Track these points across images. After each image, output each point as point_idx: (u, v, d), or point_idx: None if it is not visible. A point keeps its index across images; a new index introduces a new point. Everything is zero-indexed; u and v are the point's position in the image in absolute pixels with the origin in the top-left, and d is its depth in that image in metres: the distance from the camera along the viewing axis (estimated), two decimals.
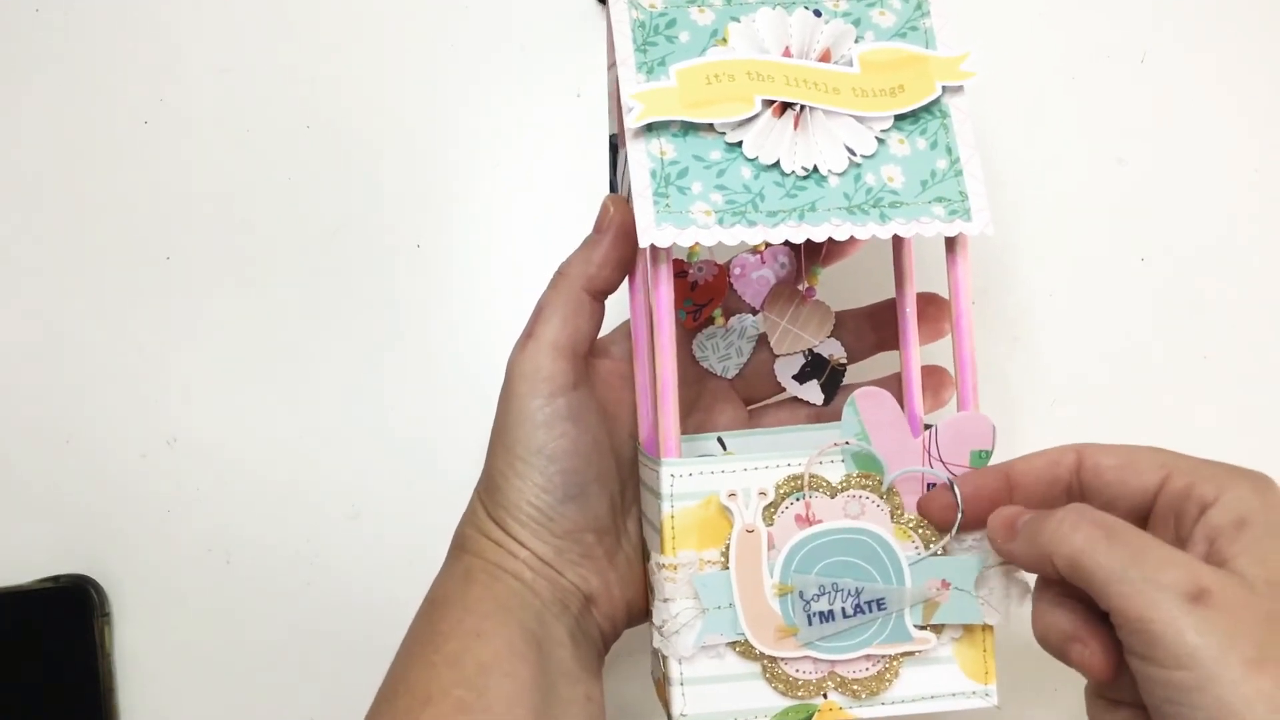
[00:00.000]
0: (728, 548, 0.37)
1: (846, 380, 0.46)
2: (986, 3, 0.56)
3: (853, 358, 0.46)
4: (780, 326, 0.45)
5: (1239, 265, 0.54)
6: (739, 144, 0.37)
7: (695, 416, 0.46)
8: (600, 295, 0.41)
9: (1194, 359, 0.54)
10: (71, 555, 0.53)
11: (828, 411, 0.46)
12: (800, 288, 0.46)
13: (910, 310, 0.42)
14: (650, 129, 0.37)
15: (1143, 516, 0.36)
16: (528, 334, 0.41)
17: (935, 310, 0.43)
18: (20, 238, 0.55)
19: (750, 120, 0.37)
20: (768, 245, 0.45)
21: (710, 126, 0.37)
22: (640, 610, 0.43)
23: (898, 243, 0.42)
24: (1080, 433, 0.53)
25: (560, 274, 0.41)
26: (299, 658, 0.53)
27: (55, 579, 0.53)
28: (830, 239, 0.40)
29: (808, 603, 0.37)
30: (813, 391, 0.45)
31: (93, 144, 0.55)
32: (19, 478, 0.54)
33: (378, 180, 0.55)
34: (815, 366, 0.45)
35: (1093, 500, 0.36)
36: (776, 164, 0.37)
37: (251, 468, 0.54)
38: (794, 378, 0.46)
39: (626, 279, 0.42)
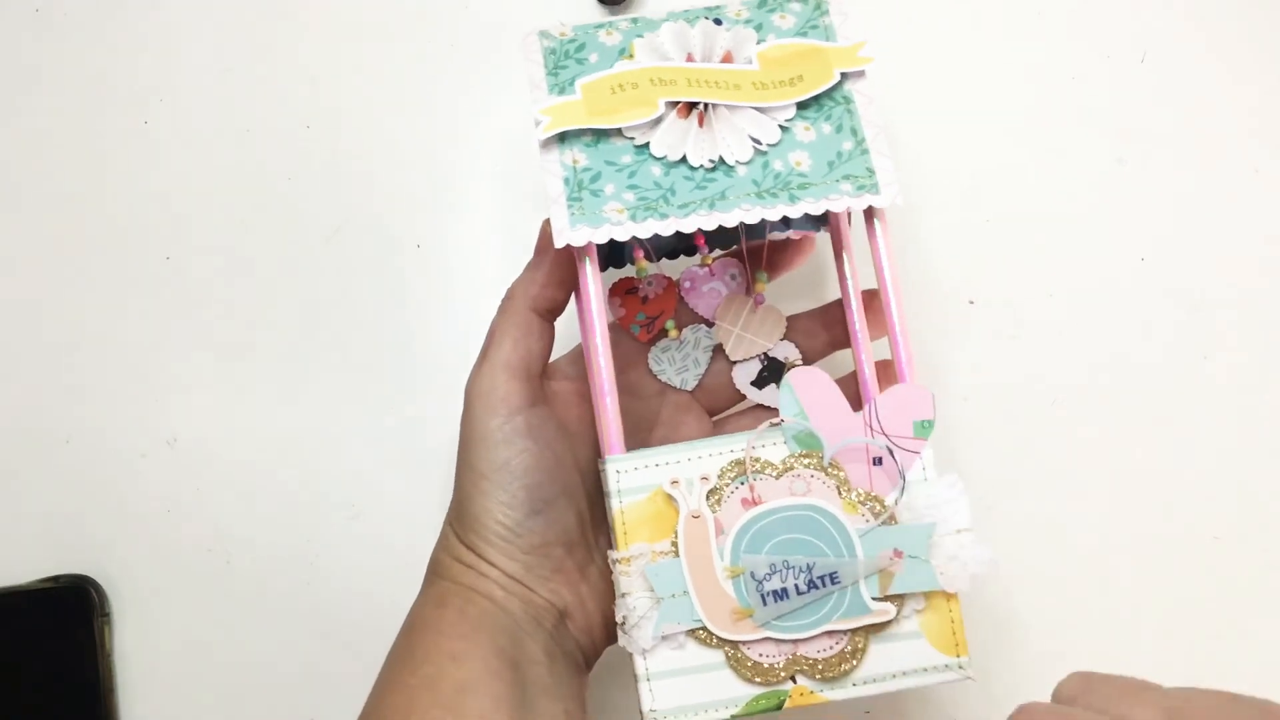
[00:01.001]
0: (676, 536, 0.38)
1: None
2: (986, 3, 0.56)
3: (808, 359, 0.47)
4: (734, 333, 0.47)
5: (1239, 265, 0.54)
6: (646, 145, 0.39)
7: (659, 431, 0.47)
8: (548, 314, 0.42)
9: (1194, 359, 0.54)
10: (71, 555, 0.53)
11: None
12: (749, 295, 0.47)
13: (856, 310, 0.44)
14: (563, 140, 0.39)
15: None
16: (481, 357, 0.42)
17: (880, 306, 0.44)
18: (20, 237, 0.55)
19: (656, 122, 0.40)
20: (716, 259, 0.47)
21: (619, 132, 0.40)
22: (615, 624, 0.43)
23: (837, 243, 0.44)
24: (1080, 432, 0.53)
25: (507, 297, 0.43)
26: (299, 658, 0.53)
27: (55, 579, 0.53)
28: (771, 243, 0.43)
29: (760, 582, 0.38)
30: (771, 396, 0.47)
31: (93, 144, 0.55)
32: (19, 478, 0.54)
33: (378, 180, 0.55)
34: (772, 370, 0.47)
35: None
36: (683, 159, 0.39)
37: (251, 468, 0.54)
38: (752, 384, 0.47)
39: (574, 298, 0.43)
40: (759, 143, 0.40)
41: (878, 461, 0.39)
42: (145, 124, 0.55)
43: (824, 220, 0.46)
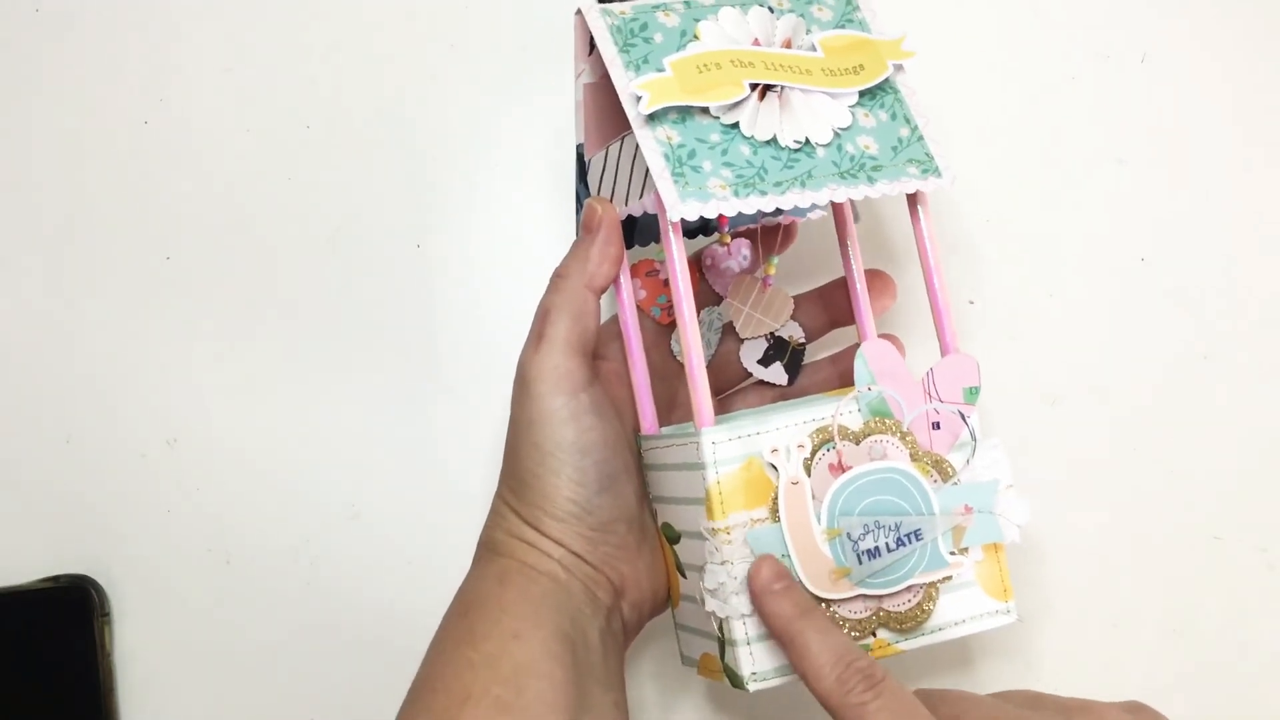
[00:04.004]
0: (774, 503, 0.39)
1: (805, 360, 0.49)
2: (986, 3, 0.56)
3: (810, 337, 0.49)
4: (744, 312, 0.48)
5: (1239, 265, 0.54)
6: (735, 125, 0.40)
7: (678, 413, 0.48)
8: (599, 292, 0.43)
9: (1194, 359, 0.54)
10: (71, 555, 0.53)
11: (791, 392, 0.49)
12: (757, 275, 0.49)
13: (856, 265, 0.47)
14: (652, 119, 0.40)
15: None
16: (538, 335, 0.42)
17: (881, 284, 0.47)
18: (20, 237, 0.55)
19: (741, 103, 0.40)
20: (734, 237, 0.49)
21: (705, 111, 0.40)
22: (663, 598, 0.44)
23: (840, 223, 0.47)
24: (1080, 432, 0.53)
25: (559, 275, 0.43)
26: (299, 658, 0.53)
27: (55, 579, 0.53)
28: (780, 226, 0.45)
29: (855, 542, 0.40)
30: (777, 373, 0.48)
31: (93, 144, 0.55)
32: (19, 478, 0.54)
33: (378, 180, 0.55)
34: (777, 349, 0.48)
35: None
36: (772, 140, 0.41)
37: (251, 468, 0.54)
38: (759, 362, 0.48)
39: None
40: (834, 126, 0.41)
41: (935, 425, 0.41)
42: (145, 124, 0.55)
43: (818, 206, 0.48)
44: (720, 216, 0.43)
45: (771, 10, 0.43)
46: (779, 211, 0.41)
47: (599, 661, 0.40)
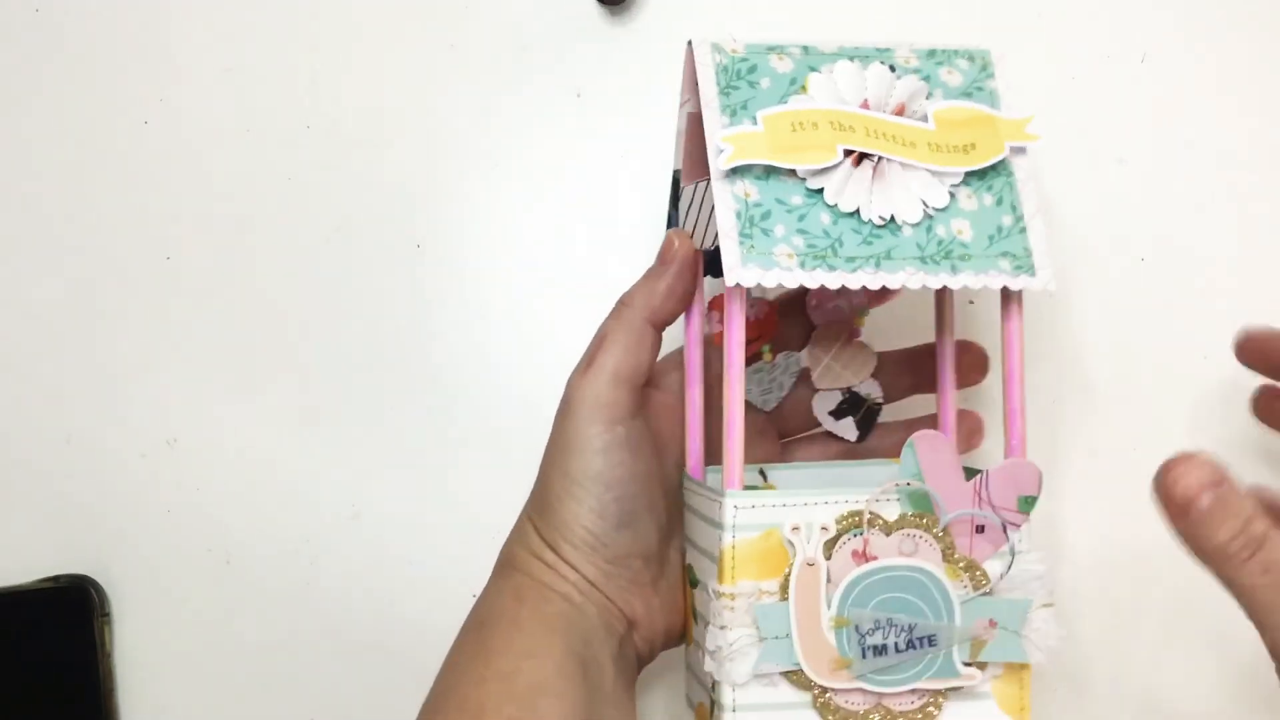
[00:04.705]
0: (787, 579, 0.38)
1: (880, 419, 0.47)
2: (986, 3, 0.56)
3: (888, 397, 0.47)
4: (825, 362, 0.46)
5: (1239, 265, 0.54)
6: (819, 190, 0.38)
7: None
8: (662, 326, 0.42)
9: (1194, 359, 0.54)
10: (71, 555, 0.53)
11: (858, 448, 0.47)
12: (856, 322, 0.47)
13: (948, 359, 0.44)
14: (735, 171, 0.38)
15: None
16: (589, 361, 0.41)
17: (971, 358, 0.45)
18: (20, 237, 0.55)
19: (832, 168, 0.38)
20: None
21: (792, 172, 0.38)
22: (677, 634, 0.44)
23: (941, 292, 0.43)
24: (1080, 433, 0.53)
25: (623, 303, 0.42)
26: (299, 658, 0.53)
27: (55, 579, 0.53)
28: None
29: (863, 636, 0.38)
30: (847, 428, 0.47)
31: (93, 144, 0.55)
32: (19, 478, 0.54)
33: (378, 180, 0.55)
34: (852, 404, 0.47)
35: None
36: (855, 212, 0.38)
37: (251, 468, 0.54)
38: (830, 413, 0.47)
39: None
40: (927, 205, 0.39)
41: (980, 529, 0.39)
42: (145, 124, 0.55)
43: None
44: None
45: (893, 69, 0.41)
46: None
47: (611, 683, 0.40)
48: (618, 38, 0.54)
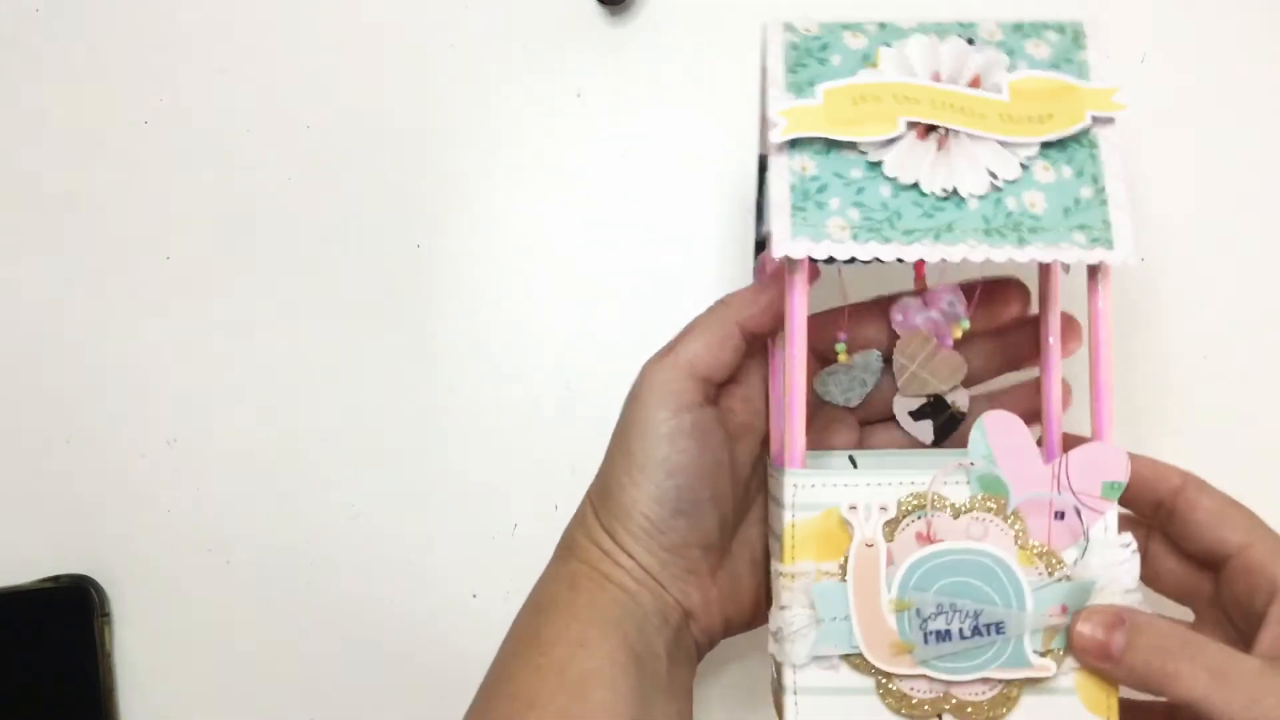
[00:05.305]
0: (845, 560, 0.38)
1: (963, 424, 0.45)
2: (985, 3, 0.56)
3: (980, 377, 0.45)
4: (909, 370, 0.45)
5: (1239, 265, 0.54)
6: (880, 163, 0.38)
7: (810, 436, 0.45)
8: (751, 334, 0.41)
9: (1194, 359, 0.54)
10: (71, 555, 0.53)
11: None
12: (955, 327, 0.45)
13: (1054, 339, 0.42)
14: (794, 146, 0.38)
15: (1213, 565, 0.38)
16: (669, 347, 0.41)
17: (1069, 330, 0.43)
18: (20, 237, 0.55)
19: (893, 141, 0.38)
20: (927, 289, 0.45)
21: (853, 145, 0.38)
22: (740, 623, 0.43)
23: (1044, 269, 0.42)
24: (1079, 433, 0.53)
25: (723, 302, 0.42)
26: (299, 658, 0.53)
27: (55, 579, 0.53)
28: (985, 289, 0.41)
29: (924, 620, 0.37)
30: (925, 430, 0.45)
31: (93, 144, 0.55)
32: (19, 478, 0.54)
33: (378, 180, 0.55)
34: (935, 408, 0.45)
35: (1175, 528, 0.39)
36: (915, 184, 0.37)
37: (251, 468, 0.54)
38: (910, 414, 0.45)
39: None
40: (995, 177, 0.38)
41: (1059, 515, 0.38)
42: (145, 124, 0.55)
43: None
44: (918, 261, 0.39)
45: (971, 42, 0.39)
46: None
47: (665, 672, 0.40)
48: (618, 38, 0.54)
